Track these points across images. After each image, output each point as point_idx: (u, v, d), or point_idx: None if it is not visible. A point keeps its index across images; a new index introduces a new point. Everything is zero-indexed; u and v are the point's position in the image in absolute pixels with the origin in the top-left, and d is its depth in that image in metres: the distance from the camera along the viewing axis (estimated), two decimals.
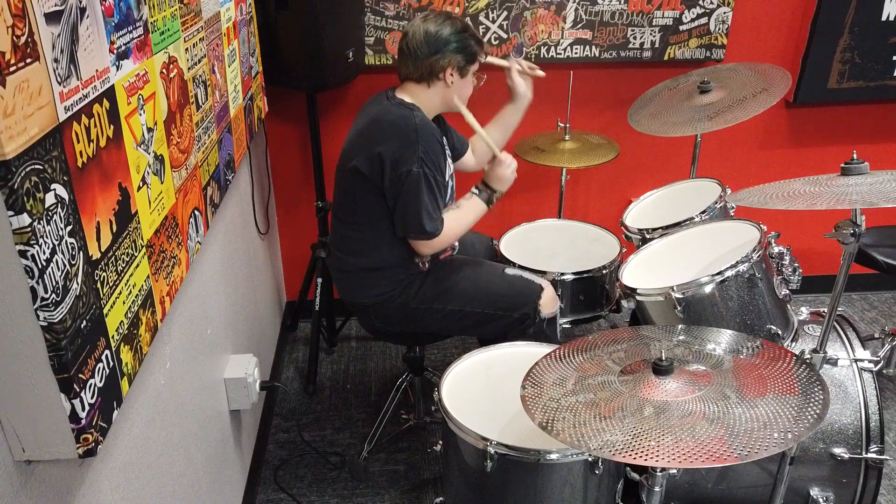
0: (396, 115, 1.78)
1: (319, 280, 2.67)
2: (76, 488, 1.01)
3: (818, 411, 1.17)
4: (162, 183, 1.20)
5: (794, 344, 1.71)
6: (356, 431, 2.45)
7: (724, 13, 2.65)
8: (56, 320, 0.80)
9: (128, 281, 1.02)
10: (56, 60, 0.82)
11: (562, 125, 2.60)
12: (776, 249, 1.77)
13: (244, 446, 2.12)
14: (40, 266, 0.77)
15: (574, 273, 2.09)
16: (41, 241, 0.77)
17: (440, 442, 1.65)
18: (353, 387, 2.69)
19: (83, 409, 0.85)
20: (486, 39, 2.60)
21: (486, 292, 1.91)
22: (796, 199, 1.26)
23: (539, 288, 1.91)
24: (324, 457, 2.33)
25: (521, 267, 2.08)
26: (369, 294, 1.94)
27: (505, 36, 2.61)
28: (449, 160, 1.95)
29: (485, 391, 1.64)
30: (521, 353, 1.75)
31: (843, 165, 1.35)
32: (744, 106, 2.13)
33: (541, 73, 2.07)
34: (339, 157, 1.93)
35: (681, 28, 2.65)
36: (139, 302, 1.07)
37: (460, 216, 1.90)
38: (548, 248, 2.31)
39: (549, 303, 1.92)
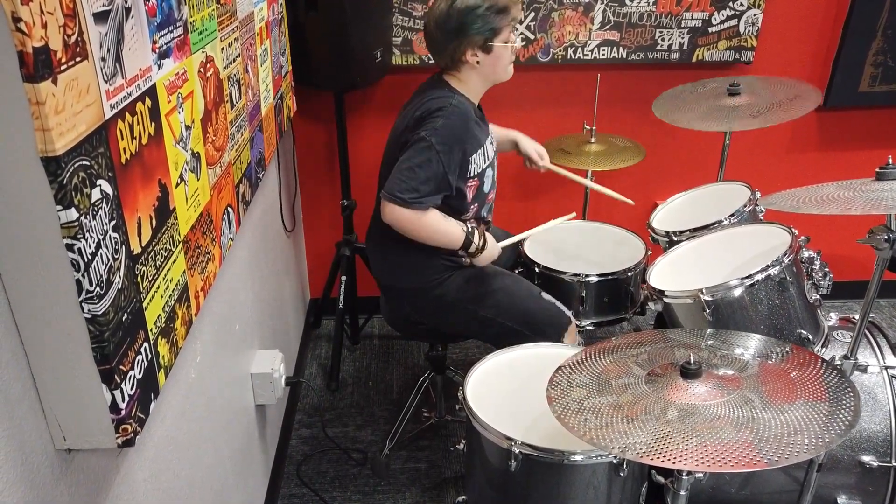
0: (437, 95, 1.79)
1: (344, 278, 2.69)
2: (112, 477, 1.03)
3: (849, 418, 1.16)
4: (198, 180, 1.22)
5: (823, 350, 1.69)
6: (378, 428, 2.46)
7: (755, 15, 2.62)
8: (99, 313, 0.82)
9: (166, 276, 1.04)
10: (103, 59, 0.84)
11: (588, 127, 2.59)
12: (806, 254, 1.76)
13: (268, 441, 2.15)
14: (86, 260, 0.79)
15: (599, 275, 2.09)
16: (87, 235, 0.79)
17: (463, 441, 1.65)
18: (375, 384, 2.70)
19: (123, 400, 0.87)
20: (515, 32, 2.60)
21: (521, 309, 1.91)
22: (830, 203, 1.25)
23: (568, 320, 1.93)
24: (346, 453, 2.35)
25: (548, 271, 2.09)
26: (410, 279, 1.94)
27: (532, 37, 2.61)
28: (487, 149, 1.91)
29: (509, 391, 1.64)
30: (545, 354, 1.75)
31: (878, 170, 1.33)
32: (774, 111, 2.11)
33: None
34: (386, 141, 1.92)
35: (710, 30, 2.63)
36: (175, 296, 1.09)
37: (443, 225, 1.80)
38: (572, 249, 2.31)
39: (570, 337, 1.93)
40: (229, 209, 1.46)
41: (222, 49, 1.41)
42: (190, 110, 1.18)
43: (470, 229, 1.84)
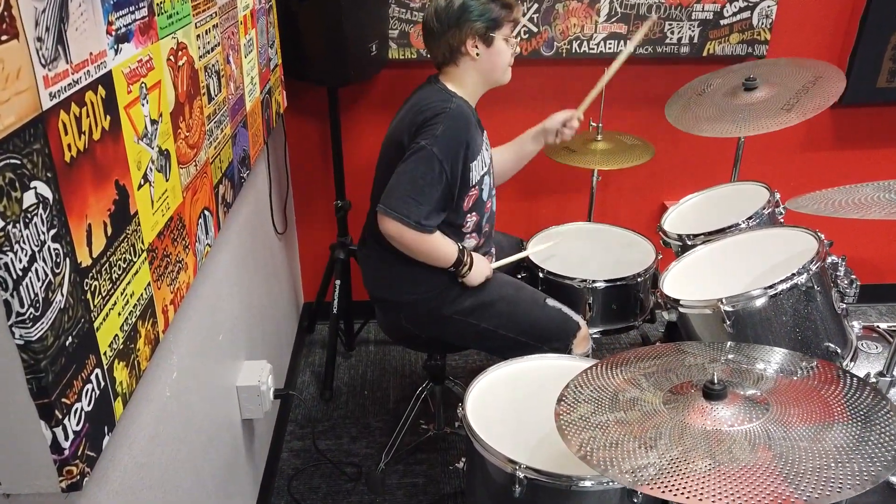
0: (435, 100, 1.72)
1: (338, 282, 2.57)
2: None
3: (894, 445, 1.03)
4: (167, 181, 1.10)
5: (853, 364, 1.57)
6: (373, 441, 2.35)
7: (768, 7, 2.50)
8: (34, 338, 0.69)
9: (124, 290, 0.92)
10: (40, 39, 0.71)
11: (594, 125, 2.47)
12: (829, 259, 1.63)
13: (257, 456, 2.03)
14: (15, 276, 0.66)
15: (607, 280, 1.97)
16: (17, 247, 0.67)
17: (463, 459, 1.54)
18: (370, 394, 2.58)
19: (66, 439, 0.75)
20: (514, 35, 2.48)
21: (523, 320, 1.81)
22: (871, 206, 1.13)
23: (576, 326, 1.82)
24: (339, 468, 2.23)
25: (553, 276, 1.98)
26: (404, 292, 1.84)
27: (535, 30, 2.48)
28: (484, 155, 1.82)
29: (512, 407, 1.53)
30: (551, 367, 1.63)
31: None
32: (795, 108, 1.97)
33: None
34: (380, 147, 1.84)
35: (721, 22, 2.51)
36: (137, 312, 0.97)
37: (443, 247, 1.74)
38: (578, 252, 2.18)
39: (582, 342, 1.82)
40: (206, 212, 1.33)
41: (198, 36, 1.28)
42: (157, 103, 1.05)
43: (461, 249, 1.78)
